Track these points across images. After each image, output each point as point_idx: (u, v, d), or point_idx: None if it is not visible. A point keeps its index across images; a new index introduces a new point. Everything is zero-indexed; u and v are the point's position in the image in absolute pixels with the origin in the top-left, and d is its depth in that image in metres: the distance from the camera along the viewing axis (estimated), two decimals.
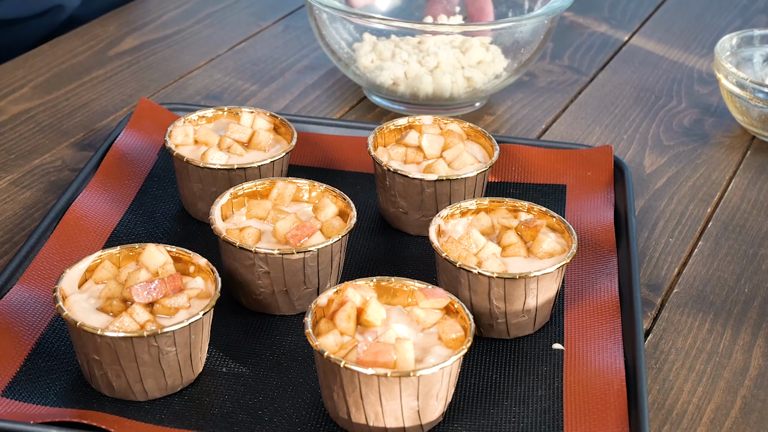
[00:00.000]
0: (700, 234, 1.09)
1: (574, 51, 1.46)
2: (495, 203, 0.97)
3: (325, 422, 0.82)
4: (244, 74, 1.34)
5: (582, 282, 0.97)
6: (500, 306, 0.89)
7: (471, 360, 0.89)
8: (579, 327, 0.92)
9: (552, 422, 0.83)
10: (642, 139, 1.25)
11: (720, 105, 1.33)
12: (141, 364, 0.81)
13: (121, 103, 1.26)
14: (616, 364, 0.87)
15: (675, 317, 0.97)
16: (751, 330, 0.96)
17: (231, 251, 0.90)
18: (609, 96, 1.35)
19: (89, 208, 1.01)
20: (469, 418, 0.83)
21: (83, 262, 0.86)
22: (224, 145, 1.03)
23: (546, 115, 1.30)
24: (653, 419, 0.85)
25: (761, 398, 0.88)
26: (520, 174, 1.13)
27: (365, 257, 1.01)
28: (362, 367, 0.77)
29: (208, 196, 1.01)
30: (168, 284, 0.83)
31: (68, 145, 1.17)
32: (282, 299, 0.92)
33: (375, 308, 0.82)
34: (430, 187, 1.00)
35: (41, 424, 0.77)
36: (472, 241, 0.90)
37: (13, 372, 0.84)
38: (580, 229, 1.03)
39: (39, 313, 0.89)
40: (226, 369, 0.86)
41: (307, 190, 0.97)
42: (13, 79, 1.29)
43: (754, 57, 1.31)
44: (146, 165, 1.10)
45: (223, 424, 0.81)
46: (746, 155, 1.23)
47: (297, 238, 0.90)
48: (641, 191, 1.15)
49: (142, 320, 0.80)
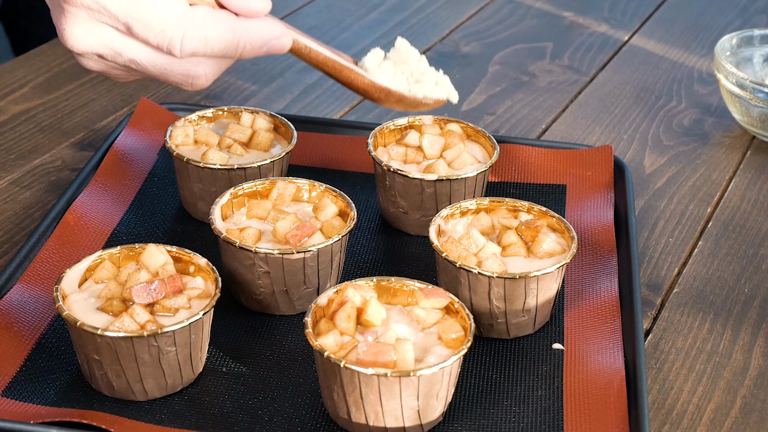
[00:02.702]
0: (700, 234, 1.09)
1: (574, 51, 1.46)
2: (495, 203, 0.97)
3: (325, 422, 0.82)
4: (244, 74, 1.34)
5: (582, 282, 0.97)
6: (500, 306, 0.89)
7: (471, 360, 0.89)
8: (579, 327, 0.92)
9: (552, 422, 0.83)
10: (642, 139, 1.25)
11: (720, 105, 1.33)
12: (141, 364, 0.81)
13: (121, 103, 1.26)
14: (616, 364, 0.87)
15: (675, 317, 0.97)
16: (751, 330, 0.96)
17: (231, 251, 0.90)
18: (609, 96, 1.35)
19: (89, 208, 1.01)
20: (469, 418, 0.83)
21: (83, 262, 0.86)
22: (224, 145, 1.03)
23: (546, 115, 1.30)
24: (653, 419, 0.85)
25: (761, 398, 0.88)
26: (520, 174, 1.13)
27: (365, 257, 1.01)
28: (362, 367, 0.77)
29: (208, 196, 1.01)
30: (168, 285, 0.83)
31: (68, 145, 1.17)
32: (282, 299, 0.92)
33: (375, 308, 0.82)
34: (430, 187, 1.00)
35: (41, 424, 0.77)
36: (472, 241, 0.90)
37: (13, 372, 0.84)
38: (580, 229, 1.03)
39: (39, 313, 0.89)
40: (226, 369, 0.86)
41: (307, 190, 0.97)
42: (13, 79, 1.29)
43: (754, 57, 1.31)
44: (146, 165, 1.10)
45: (223, 424, 0.81)
46: (746, 155, 1.23)
47: (297, 238, 0.90)
48: (641, 191, 1.15)
49: (142, 320, 0.80)
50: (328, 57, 0.92)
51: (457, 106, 1.30)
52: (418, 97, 0.97)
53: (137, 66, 0.84)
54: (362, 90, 0.95)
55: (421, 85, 0.98)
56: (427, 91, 0.98)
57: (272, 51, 0.87)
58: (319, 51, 0.92)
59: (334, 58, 0.93)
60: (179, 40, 0.82)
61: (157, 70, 0.84)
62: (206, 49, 0.83)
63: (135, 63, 0.84)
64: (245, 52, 0.85)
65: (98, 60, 0.85)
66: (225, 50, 0.84)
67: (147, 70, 0.85)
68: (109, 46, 0.83)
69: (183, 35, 0.82)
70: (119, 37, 0.83)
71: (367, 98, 0.97)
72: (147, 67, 0.84)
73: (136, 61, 0.84)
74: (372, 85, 0.94)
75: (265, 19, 0.86)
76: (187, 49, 0.82)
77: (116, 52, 0.83)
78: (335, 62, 0.93)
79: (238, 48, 0.85)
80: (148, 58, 0.84)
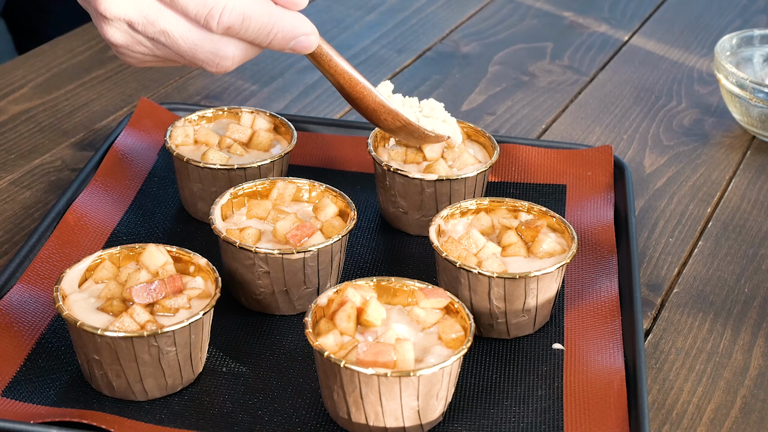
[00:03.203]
0: (700, 234, 1.09)
1: (574, 51, 1.46)
2: (495, 203, 0.97)
3: (325, 422, 0.82)
4: (244, 74, 1.34)
5: (582, 282, 0.97)
6: (500, 306, 0.89)
7: (471, 360, 0.89)
8: (579, 327, 0.92)
9: (552, 422, 0.83)
10: (642, 139, 1.25)
11: (720, 105, 1.33)
12: (141, 363, 0.81)
13: (121, 103, 1.26)
14: (616, 364, 0.87)
15: (675, 317, 0.97)
16: (751, 330, 0.96)
17: (231, 251, 0.90)
18: (609, 96, 1.35)
19: (89, 208, 1.01)
20: (469, 418, 0.83)
21: (83, 262, 0.86)
22: (224, 145, 1.03)
23: (546, 115, 1.30)
24: (653, 419, 0.85)
25: (761, 398, 0.88)
26: (520, 174, 1.13)
27: (365, 257, 1.01)
28: (362, 367, 0.77)
29: (208, 196, 1.01)
30: (168, 285, 0.83)
31: (68, 145, 1.17)
32: (282, 299, 0.92)
33: (375, 308, 0.82)
34: (430, 187, 1.00)
35: (41, 424, 0.77)
36: (472, 241, 0.90)
37: (13, 372, 0.84)
38: (580, 229, 1.03)
39: (39, 313, 0.89)
40: (226, 369, 0.86)
41: (307, 190, 0.97)
42: (13, 79, 1.29)
43: (754, 57, 1.31)
44: (146, 165, 1.10)
45: (223, 424, 0.81)
46: (746, 155, 1.23)
47: (297, 238, 0.90)
48: (641, 191, 1.15)
49: (142, 320, 0.80)
50: (345, 69, 0.92)
51: (457, 106, 1.30)
52: (423, 128, 0.97)
53: (167, 39, 0.83)
54: (371, 109, 0.95)
55: (430, 120, 0.99)
56: (435, 126, 0.99)
57: (298, 47, 0.87)
58: (338, 62, 0.91)
59: (350, 71, 0.92)
60: (219, 11, 0.81)
61: (186, 45, 0.83)
62: (242, 27, 0.83)
63: (166, 35, 0.82)
64: (275, 40, 0.85)
65: (126, 31, 0.83)
66: (258, 32, 0.84)
67: (177, 45, 0.83)
68: (144, 13, 0.82)
69: (224, 7, 0.81)
70: (157, 5, 0.82)
71: (372, 121, 0.96)
72: (177, 40, 0.83)
73: (168, 33, 0.82)
74: (382, 105, 0.94)
75: (300, 14, 0.86)
76: (225, 22, 0.82)
77: (149, 21, 0.82)
78: (351, 76, 0.92)
79: (270, 34, 0.84)
80: (180, 30, 0.82)
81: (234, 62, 0.85)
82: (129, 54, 0.86)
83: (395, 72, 1.37)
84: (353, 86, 0.93)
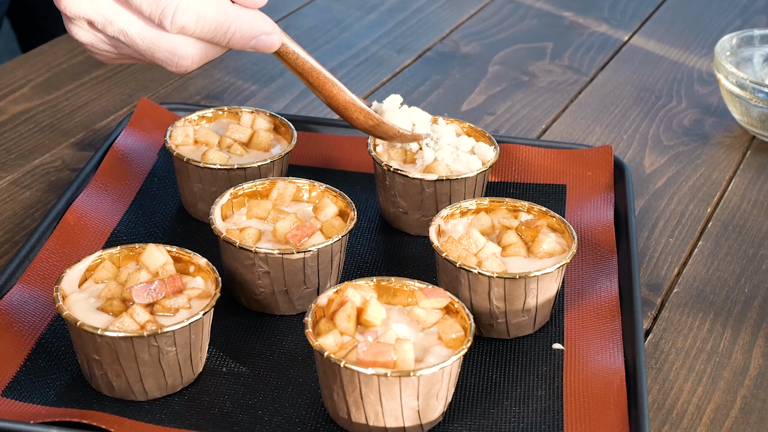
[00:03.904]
0: (700, 234, 1.09)
1: (574, 51, 1.46)
2: (495, 203, 0.97)
3: (325, 422, 0.82)
4: (244, 74, 1.34)
5: (582, 282, 0.97)
6: (500, 306, 0.89)
7: (471, 360, 0.89)
8: (579, 327, 0.92)
9: (552, 422, 0.83)
10: (642, 139, 1.25)
11: (720, 105, 1.33)
12: (141, 363, 0.81)
13: (121, 103, 1.26)
14: (616, 364, 0.87)
15: (675, 317, 0.97)
16: (751, 330, 0.96)
17: (231, 251, 0.90)
18: (609, 96, 1.35)
19: (89, 208, 1.01)
20: (469, 418, 0.83)
21: (83, 262, 0.86)
22: (224, 145, 1.03)
23: (546, 115, 1.30)
24: (653, 419, 0.85)
25: (761, 398, 0.88)
26: (520, 174, 1.13)
27: (365, 257, 1.01)
28: (362, 367, 0.77)
29: (208, 196, 1.01)
30: (168, 285, 0.83)
31: (68, 145, 1.17)
32: (282, 299, 0.92)
33: (375, 308, 0.82)
34: (430, 187, 1.00)
35: (41, 424, 0.77)
36: (472, 241, 0.90)
37: (13, 372, 0.84)
38: (580, 229, 1.03)
39: (39, 313, 0.89)
40: (226, 369, 0.86)
41: (307, 190, 0.97)
42: (13, 79, 1.29)
43: (754, 57, 1.31)
44: (146, 165, 1.10)
45: (223, 424, 0.81)
46: (746, 155, 1.23)
47: (297, 238, 0.90)
48: (641, 191, 1.15)
49: (142, 320, 0.80)
50: (314, 67, 0.92)
51: (457, 106, 1.30)
52: (396, 127, 0.97)
53: (126, 38, 0.84)
54: (342, 107, 0.94)
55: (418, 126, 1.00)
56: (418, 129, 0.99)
57: (260, 46, 0.87)
58: (306, 59, 0.91)
59: (319, 69, 0.92)
60: (172, 11, 0.82)
61: (145, 44, 0.84)
62: (197, 26, 0.83)
63: (124, 34, 0.84)
64: (234, 40, 0.85)
65: (88, 30, 0.85)
66: (215, 32, 0.84)
67: (135, 44, 0.84)
68: (102, 12, 0.83)
69: (177, 7, 0.82)
70: (113, 6, 0.83)
71: (345, 119, 0.95)
72: (135, 39, 0.84)
73: (126, 32, 0.83)
74: (353, 103, 0.94)
75: (259, 12, 0.86)
76: (179, 22, 0.82)
77: (107, 20, 0.83)
78: (320, 73, 0.92)
79: (227, 34, 0.84)
80: (137, 30, 0.83)
81: (194, 62, 0.85)
82: (97, 52, 0.87)
83: (395, 72, 1.37)
84: (322, 84, 0.93)
